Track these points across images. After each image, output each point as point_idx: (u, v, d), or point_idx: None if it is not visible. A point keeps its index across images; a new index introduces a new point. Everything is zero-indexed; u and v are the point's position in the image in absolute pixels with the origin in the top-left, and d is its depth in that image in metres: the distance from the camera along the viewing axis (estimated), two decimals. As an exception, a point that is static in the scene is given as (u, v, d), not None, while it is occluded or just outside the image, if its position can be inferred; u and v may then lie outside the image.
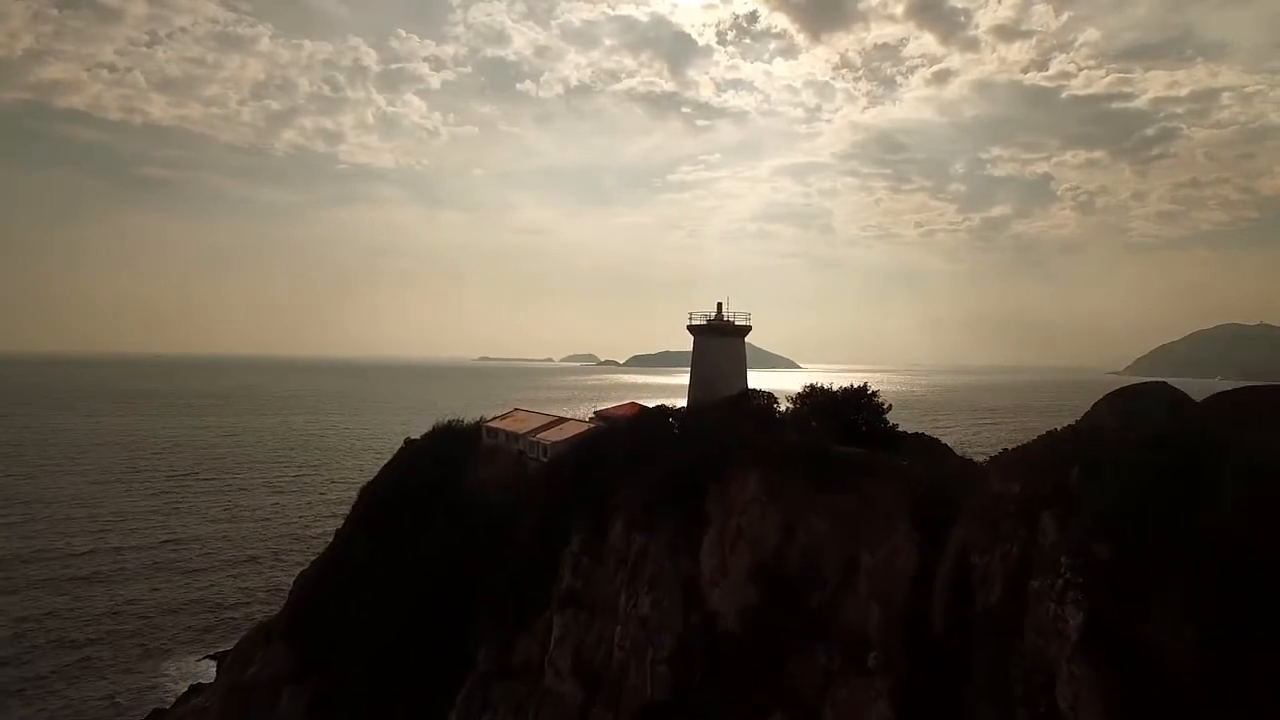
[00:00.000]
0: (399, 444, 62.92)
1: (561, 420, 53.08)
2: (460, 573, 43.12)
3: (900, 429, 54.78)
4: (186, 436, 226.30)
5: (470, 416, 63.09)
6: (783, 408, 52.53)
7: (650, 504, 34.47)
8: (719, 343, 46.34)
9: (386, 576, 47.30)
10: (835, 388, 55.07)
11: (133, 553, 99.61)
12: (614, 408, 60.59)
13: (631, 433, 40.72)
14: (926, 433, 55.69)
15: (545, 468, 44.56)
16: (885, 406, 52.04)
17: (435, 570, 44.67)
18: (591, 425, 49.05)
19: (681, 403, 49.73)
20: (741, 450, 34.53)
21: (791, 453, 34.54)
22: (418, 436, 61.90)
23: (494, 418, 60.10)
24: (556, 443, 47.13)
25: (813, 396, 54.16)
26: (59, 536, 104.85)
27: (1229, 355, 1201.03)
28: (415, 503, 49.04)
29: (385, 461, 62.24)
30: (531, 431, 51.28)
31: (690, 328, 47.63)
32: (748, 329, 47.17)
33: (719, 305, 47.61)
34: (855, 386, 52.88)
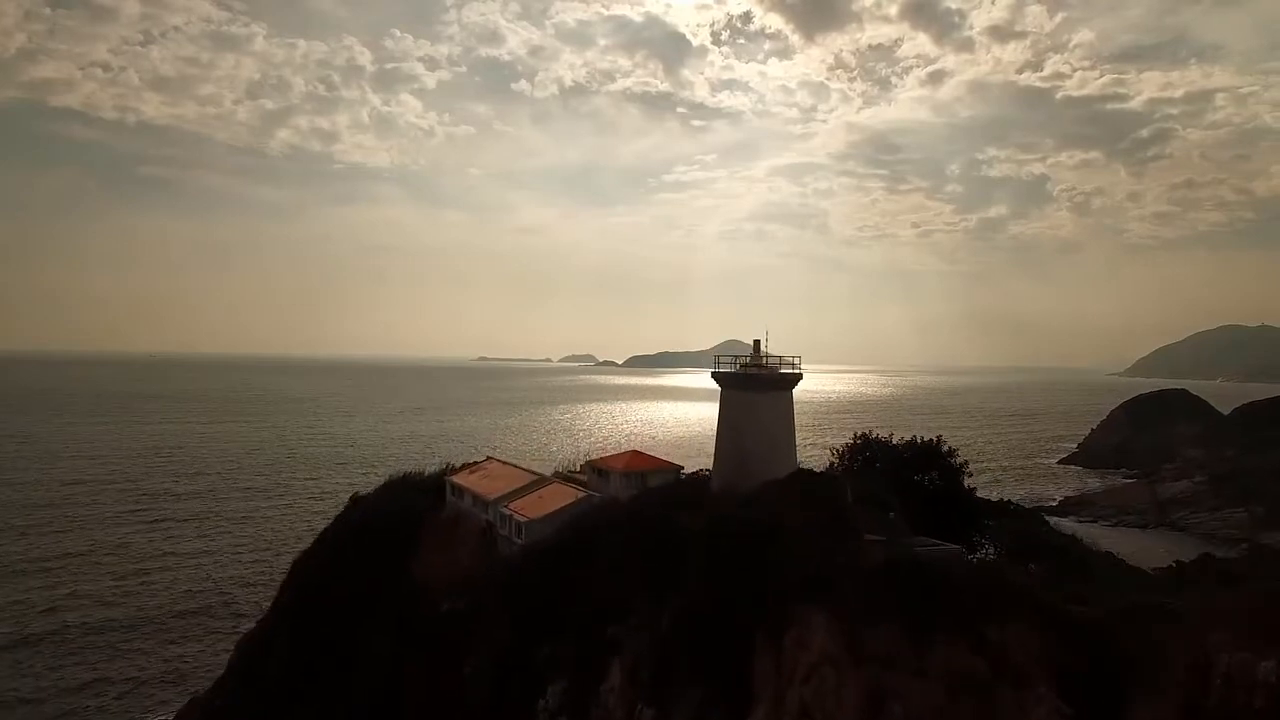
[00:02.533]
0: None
1: (542, 482, 41.26)
2: (398, 709, 31.37)
3: (979, 491, 43.47)
4: (168, 446, 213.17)
5: (445, 452, 51.30)
6: (827, 460, 41.12)
7: (665, 660, 22.67)
8: (759, 400, 32.50)
9: (306, 696, 35.55)
10: (895, 439, 43.59)
11: (71, 605, 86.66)
12: (610, 458, 48.82)
13: (634, 525, 29.00)
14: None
15: (516, 561, 32.86)
16: (963, 466, 40.63)
17: (366, 699, 32.92)
18: (578, 494, 37.29)
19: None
20: (801, 577, 22.73)
21: (877, 580, 22.80)
22: (371, 489, 50.00)
23: (462, 468, 48.34)
24: (533, 520, 35.43)
25: (867, 450, 42.73)
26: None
27: (1231, 356, 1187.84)
28: (349, 596, 37.30)
29: (377, 478, 50.63)
30: (504, 498, 39.55)
31: (717, 375, 34.44)
32: (798, 378, 33.74)
33: (756, 344, 33.84)
34: (924, 441, 41.41)
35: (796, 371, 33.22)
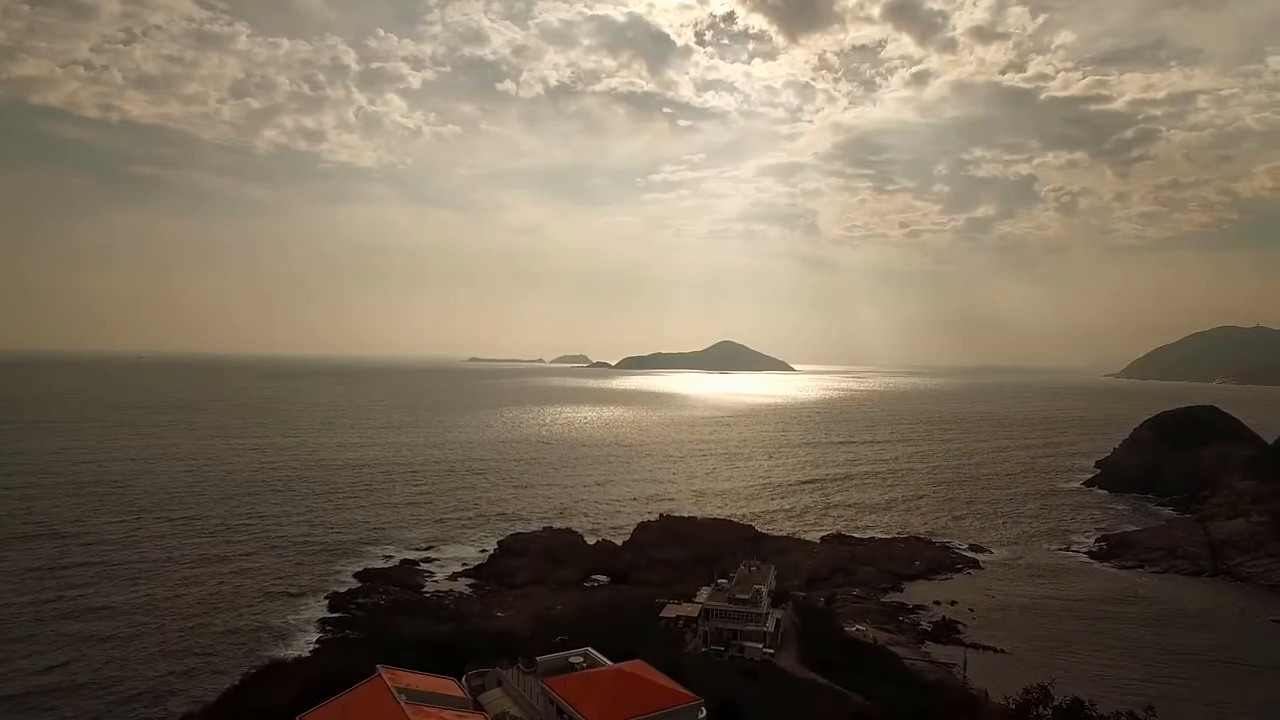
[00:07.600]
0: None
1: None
2: None
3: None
4: (140, 466, 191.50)
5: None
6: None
7: None
8: None
9: None
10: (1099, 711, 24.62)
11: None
12: (582, 686, 30.04)
13: None
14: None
15: None
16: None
17: None
18: None
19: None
20: None
21: None
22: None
23: (344, 692, 29.41)
24: None
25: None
26: None
27: (1227, 358, 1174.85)
28: None
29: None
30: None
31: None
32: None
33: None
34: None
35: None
